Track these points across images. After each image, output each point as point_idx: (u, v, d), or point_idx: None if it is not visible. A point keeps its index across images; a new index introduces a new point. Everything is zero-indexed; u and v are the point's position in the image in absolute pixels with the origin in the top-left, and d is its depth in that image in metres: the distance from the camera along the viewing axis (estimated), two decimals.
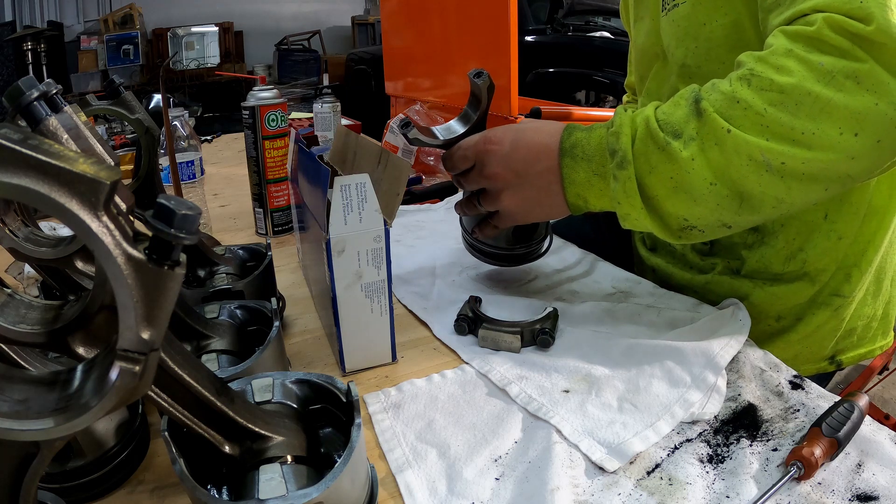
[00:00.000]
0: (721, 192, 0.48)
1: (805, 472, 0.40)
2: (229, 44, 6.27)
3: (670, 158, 0.49)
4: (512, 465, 0.43)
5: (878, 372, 1.87)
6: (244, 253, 0.63)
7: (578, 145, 0.54)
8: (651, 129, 0.50)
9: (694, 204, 0.49)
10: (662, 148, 0.49)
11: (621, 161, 0.51)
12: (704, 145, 0.47)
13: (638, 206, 0.51)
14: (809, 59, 0.45)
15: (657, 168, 0.50)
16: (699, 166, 0.48)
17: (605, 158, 0.52)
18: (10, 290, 0.30)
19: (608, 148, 0.52)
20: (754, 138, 0.46)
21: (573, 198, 0.56)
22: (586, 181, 0.54)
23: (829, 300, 0.67)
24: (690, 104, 0.49)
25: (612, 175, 0.52)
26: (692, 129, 0.48)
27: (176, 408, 0.31)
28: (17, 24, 5.04)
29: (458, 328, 0.60)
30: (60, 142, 0.39)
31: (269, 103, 0.83)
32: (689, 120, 0.48)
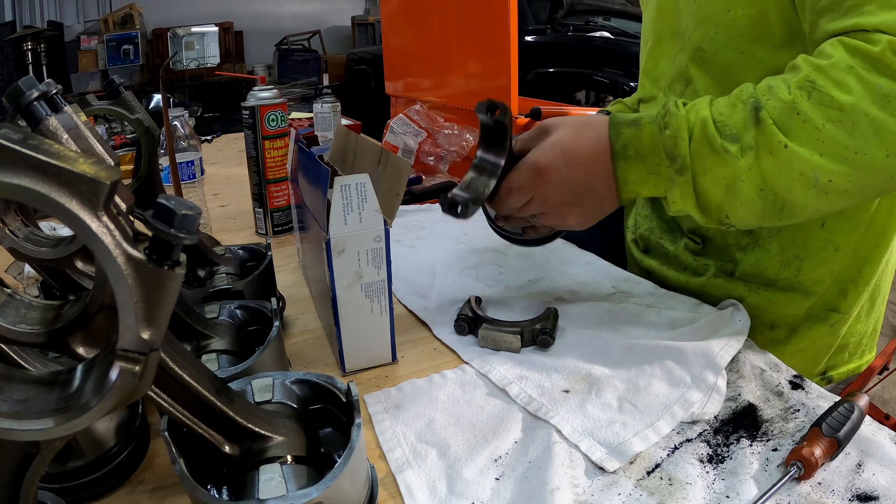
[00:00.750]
0: (767, 198, 0.50)
1: (805, 472, 0.40)
2: (229, 44, 6.27)
3: (726, 164, 0.50)
4: (512, 465, 0.43)
5: (878, 372, 1.87)
6: (244, 253, 0.63)
7: (630, 145, 0.54)
8: (708, 133, 0.50)
9: (739, 206, 0.51)
10: (719, 153, 0.50)
11: (681, 167, 0.52)
12: (760, 154, 0.48)
13: (691, 205, 0.53)
14: (869, 80, 0.45)
15: (711, 170, 0.50)
16: (753, 175, 0.49)
17: (660, 158, 0.53)
18: (10, 290, 0.30)
19: (665, 151, 0.52)
20: (808, 154, 0.47)
21: (627, 194, 0.56)
22: (641, 179, 0.54)
23: (825, 315, 0.67)
24: (749, 110, 0.49)
25: (671, 179, 0.53)
26: (750, 137, 0.49)
27: (176, 408, 0.31)
28: (17, 24, 5.04)
29: (458, 328, 0.60)
30: (60, 142, 0.39)
31: (269, 103, 0.83)
32: (748, 127, 0.49)
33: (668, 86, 0.72)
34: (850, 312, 0.68)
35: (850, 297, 0.67)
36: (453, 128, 1.35)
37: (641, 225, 0.82)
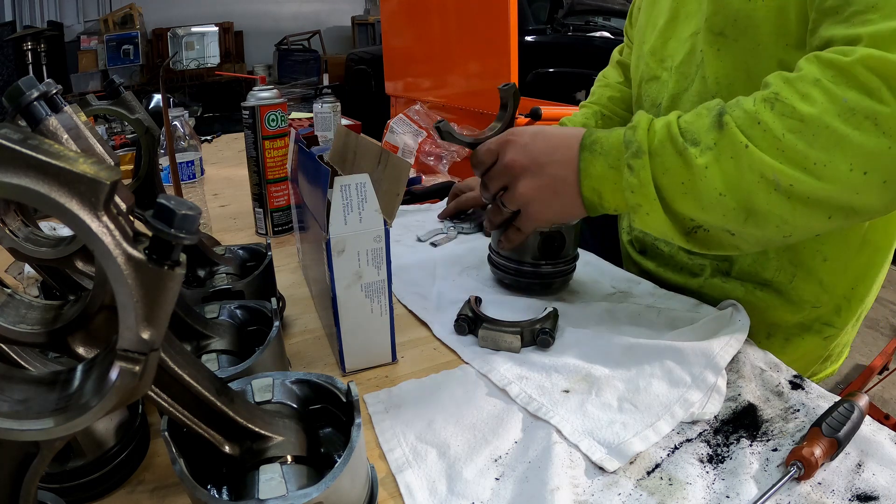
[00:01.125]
0: (729, 203, 0.49)
1: (805, 472, 0.40)
2: (229, 44, 6.27)
3: (685, 163, 0.50)
4: (512, 465, 0.43)
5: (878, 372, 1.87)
6: (244, 253, 0.63)
7: (598, 142, 0.55)
8: (671, 133, 0.51)
9: (702, 210, 0.51)
10: (680, 152, 0.50)
11: (637, 151, 0.52)
12: (720, 156, 0.48)
13: (651, 197, 0.52)
14: (835, 93, 0.45)
15: (671, 170, 0.51)
16: (711, 175, 0.49)
17: (620, 151, 0.53)
18: (10, 290, 0.30)
19: (624, 141, 0.53)
20: (769, 158, 0.47)
21: (588, 192, 0.55)
22: (602, 174, 0.54)
23: (819, 328, 0.69)
24: (714, 116, 0.50)
25: (627, 164, 0.52)
26: (711, 139, 0.49)
27: (176, 408, 0.31)
28: (17, 24, 5.04)
29: (458, 328, 0.60)
30: (60, 142, 0.39)
31: (269, 103, 0.83)
32: (710, 130, 0.49)
33: (676, 66, 0.72)
34: (843, 328, 0.70)
35: (843, 314, 0.68)
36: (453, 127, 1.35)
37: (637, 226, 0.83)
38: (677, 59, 0.72)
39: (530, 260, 0.67)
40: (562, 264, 0.68)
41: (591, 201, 0.56)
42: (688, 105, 0.70)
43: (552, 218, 0.60)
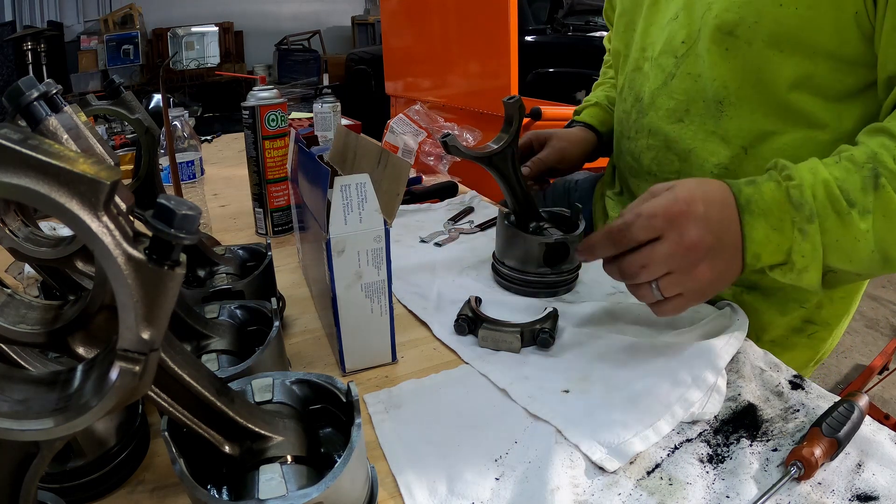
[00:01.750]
0: (875, 257, 0.49)
1: (805, 472, 0.40)
2: (229, 44, 6.27)
3: (845, 226, 0.48)
4: (512, 465, 0.43)
5: (878, 372, 1.87)
6: (244, 253, 0.63)
7: (753, 200, 0.50)
8: (832, 193, 0.49)
9: (849, 263, 0.50)
10: (841, 214, 0.48)
11: (810, 215, 0.49)
12: (876, 218, 0.48)
13: (819, 260, 0.50)
14: None
15: (830, 231, 0.49)
16: (870, 237, 0.49)
17: (783, 212, 0.49)
18: (10, 290, 0.30)
19: (790, 200, 0.49)
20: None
21: (750, 258, 0.50)
22: (765, 238, 0.50)
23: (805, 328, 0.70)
24: (867, 176, 0.49)
25: (800, 229, 0.49)
26: (869, 202, 0.48)
27: (176, 408, 0.31)
28: (17, 24, 5.04)
29: (458, 328, 0.60)
30: (60, 142, 0.39)
31: (269, 103, 0.83)
32: (867, 192, 0.48)
33: (654, 57, 0.69)
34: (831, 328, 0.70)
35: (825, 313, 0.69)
36: (453, 128, 1.35)
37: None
38: (656, 48, 0.69)
39: (535, 269, 0.68)
40: (566, 273, 0.69)
41: (750, 265, 0.51)
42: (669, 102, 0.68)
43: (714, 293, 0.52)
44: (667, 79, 0.67)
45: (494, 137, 0.69)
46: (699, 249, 0.48)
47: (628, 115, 0.77)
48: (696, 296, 0.51)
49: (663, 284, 0.49)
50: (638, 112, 0.74)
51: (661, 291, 0.50)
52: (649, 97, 0.71)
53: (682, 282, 0.49)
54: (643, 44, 0.72)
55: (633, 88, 0.75)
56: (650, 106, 0.71)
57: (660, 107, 0.70)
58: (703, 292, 0.51)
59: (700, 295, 0.51)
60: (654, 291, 0.50)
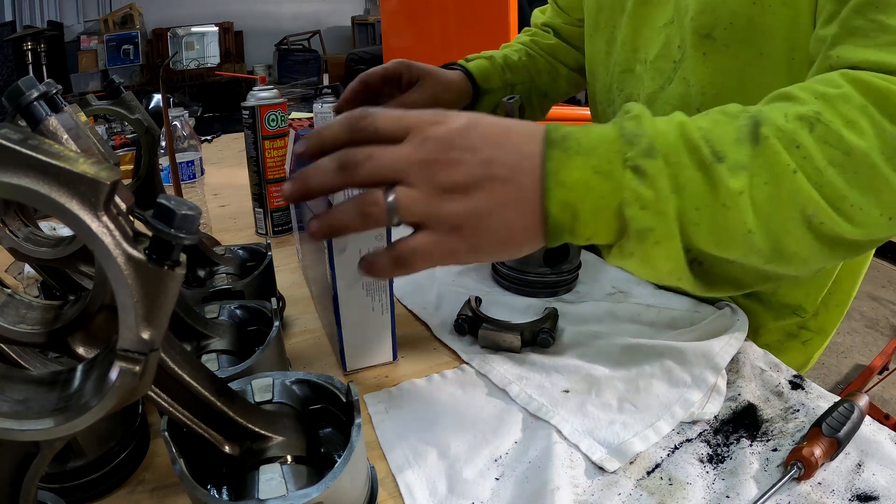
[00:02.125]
0: (756, 242, 0.38)
1: (805, 472, 0.40)
2: (229, 44, 6.27)
3: (710, 183, 0.36)
4: (512, 465, 0.43)
5: (878, 372, 1.87)
6: (244, 253, 0.63)
7: (572, 136, 0.37)
8: (689, 139, 0.37)
9: (716, 245, 0.38)
10: (702, 166, 0.36)
11: (649, 148, 0.36)
12: (755, 180, 0.36)
13: (670, 217, 0.36)
14: (882, 125, 0.37)
15: (686, 188, 0.36)
16: (744, 204, 0.36)
17: (611, 150, 0.36)
18: (10, 290, 0.30)
19: (623, 135, 0.37)
20: (813, 191, 0.37)
21: (556, 207, 0.36)
22: (582, 182, 0.36)
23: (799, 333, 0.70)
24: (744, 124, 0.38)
25: (633, 167, 0.36)
26: (744, 154, 0.36)
27: (176, 408, 0.31)
28: (17, 24, 5.04)
29: (458, 328, 0.60)
30: (60, 142, 0.39)
31: (269, 103, 0.83)
32: (741, 144, 0.37)
33: (651, 61, 0.64)
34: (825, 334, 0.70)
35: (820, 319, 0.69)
36: None
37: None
38: (651, 52, 0.64)
39: (535, 269, 0.68)
40: (566, 273, 0.69)
41: (557, 222, 0.37)
42: (666, 108, 0.64)
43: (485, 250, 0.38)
44: (664, 83, 0.64)
45: None
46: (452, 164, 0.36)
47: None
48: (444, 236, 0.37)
49: (400, 196, 0.36)
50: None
51: (398, 208, 0.37)
52: (644, 102, 0.67)
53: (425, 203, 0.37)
54: (635, 45, 0.67)
55: (624, 90, 0.71)
56: None
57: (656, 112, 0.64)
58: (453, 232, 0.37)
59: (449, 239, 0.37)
60: (387, 200, 0.36)
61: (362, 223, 0.38)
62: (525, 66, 0.82)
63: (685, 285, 0.41)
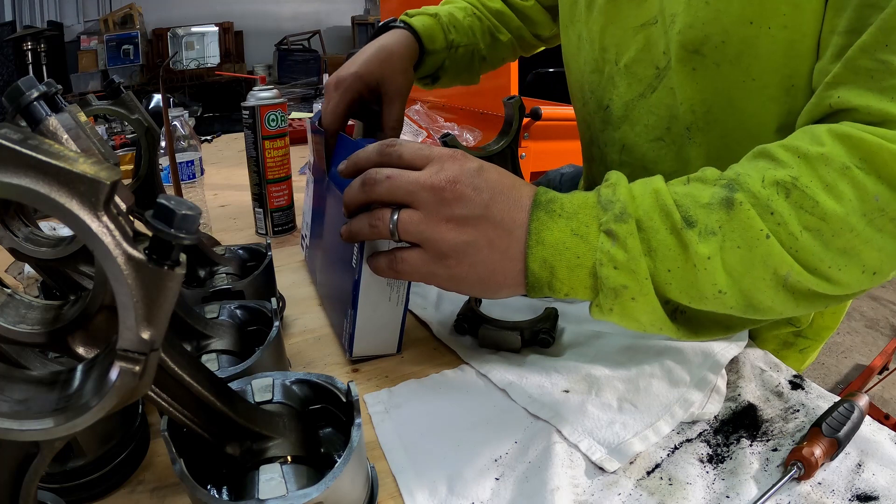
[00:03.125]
0: (728, 301, 0.40)
1: (805, 472, 0.40)
2: (229, 44, 6.27)
3: (681, 246, 0.39)
4: (512, 465, 0.43)
5: (878, 372, 1.87)
6: (244, 253, 0.63)
7: (556, 201, 0.42)
8: (663, 203, 0.39)
9: (689, 301, 0.41)
10: (674, 231, 0.39)
11: (621, 213, 0.39)
12: (726, 245, 0.39)
13: (642, 275, 0.39)
14: (866, 187, 0.37)
15: (659, 251, 0.39)
16: (713, 268, 0.39)
17: (589, 215, 0.41)
18: (10, 290, 0.30)
19: (600, 201, 0.41)
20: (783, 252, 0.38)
21: (536, 264, 0.41)
22: (560, 242, 0.40)
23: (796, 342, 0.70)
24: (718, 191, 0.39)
25: (606, 231, 0.39)
26: (714, 221, 0.39)
27: (176, 408, 0.31)
28: (17, 24, 5.04)
29: (458, 328, 0.60)
30: (60, 142, 0.39)
31: (269, 103, 0.83)
32: (714, 210, 0.39)
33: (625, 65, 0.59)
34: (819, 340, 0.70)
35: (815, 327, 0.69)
36: (453, 128, 1.35)
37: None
38: (624, 55, 0.59)
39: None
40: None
41: (536, 277, 0.42)
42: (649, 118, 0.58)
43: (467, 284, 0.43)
44: (645, 91, 0.58)
45: (494, 137, 0.69)
46: (456, 198, 0.41)
47: (591, 118, 0.68)
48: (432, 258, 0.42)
49: (402, 217, 0.42)
50: (603, 122, 0.66)
51: (398, 226, 0.42)
52: (621, 109, 0.61)
53: (423, 226, 0.42)
54: (603, 44, 0.61)
55: (595, 93, 0.66)
56: (623, 119, 0.62)
57: (636, 121, 0.60)
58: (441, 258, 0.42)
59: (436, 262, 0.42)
60: (391, 218, 0.42)
61: (370, 234, 0.44)
62: (470, 27, 0.78)
63: (669, 333, 0.43)
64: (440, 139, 0.64)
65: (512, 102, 0.67)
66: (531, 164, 1.63)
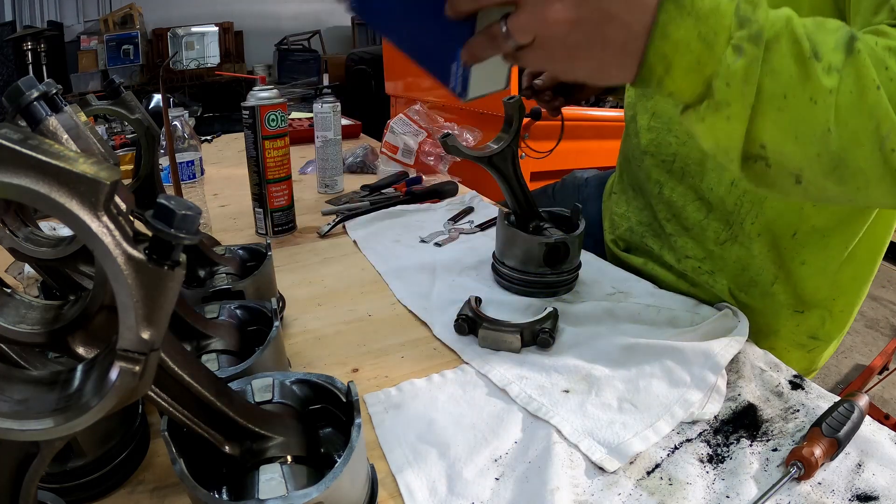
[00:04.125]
0: (831, 144, 0.39)
1: (805, 472, 0.40)
2: (229, 44, 6.27)
3: (804, 75, 0.38)
4: (512, 465, 0.43)
5: (878, 372, 1.87)
6: (244, 253, 0.63)
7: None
8: (794, 32, 0.39)
9: (793, 140, 0.40)
10: (800, 59, 0.38)
11: (757, 35, 0.39)
12: (843, 85, 0.38)
13: (747, 100, 0.39)
14: None
15: (780, 75, 0.38)
16: (829, 104, 0.38)
17: (721, 24, 0.39)
18: (10, 290, 0.30)
19: (737, 14, 0.39)
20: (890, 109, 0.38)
21: (655, 56, 0.40)
22: (684, 42, 0.39)
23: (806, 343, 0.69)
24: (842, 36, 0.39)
25: (735, 46, 0.39)
26: (838, 59, 0.38)
27: (176, 408, 0.31)
28: (17, 24, 5.04)
29: (458, 328, 0.60)
30: (60, 142, 0.39)
31: (269, 103, 0.83)
32: (837, 50, 0.38)
33: None
34: (829, 340, 0.70)
35: (827, 326, 0.68)
36: (453, 128, 1.35)
37: (620, 225, 0.82)
38: None
39: (535, 269, 0.68)
40: (566, 273, 0.69)
41: (651, 69, 0.41)
42: None
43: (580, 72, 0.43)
44: None
45: (494, 137, 0.69)
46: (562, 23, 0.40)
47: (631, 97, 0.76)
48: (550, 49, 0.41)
49: (512, 22, 0.41)
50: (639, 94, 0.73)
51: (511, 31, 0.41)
52: None
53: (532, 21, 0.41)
54: None
55: None
56: None
57: None
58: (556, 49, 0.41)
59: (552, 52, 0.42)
60: (502, 29, 0.42)
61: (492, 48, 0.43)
62: None
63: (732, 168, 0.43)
64: (440, 139, 0.64)
65: (512, 102, 0.67)
66: (531, 163, 1.63)
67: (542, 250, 0.67)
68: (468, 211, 0.98)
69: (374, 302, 0.69)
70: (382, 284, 0.74)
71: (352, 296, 0.71)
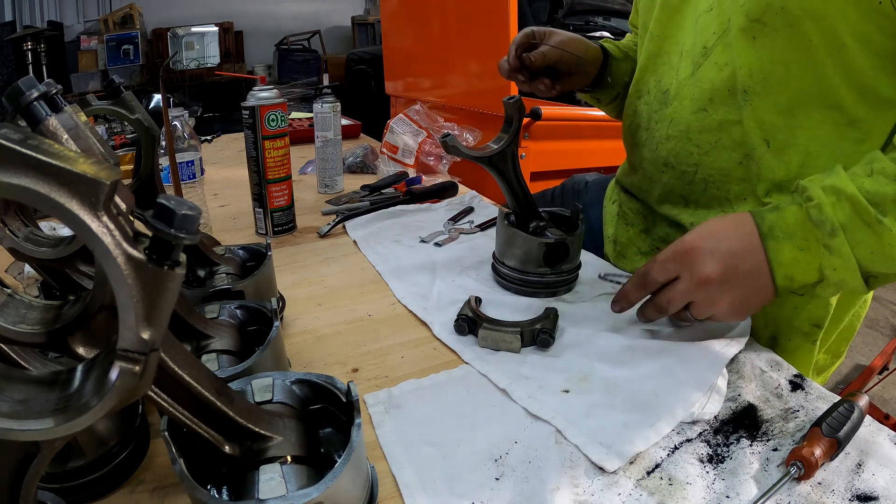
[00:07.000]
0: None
1: (805, 472, 0.40)
2: (229, 44, 6.26)
3: (877, 234, 0.50)
4: (512, 465, 0.43)
5: (878, 372, 1.87)
6: (244, 253, 0.63)
7: (776, 226, 0.53)
8: (859, 205, 0.50)
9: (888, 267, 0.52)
10: (870, 224, 0.50)
11: (832, 230, 0.51)
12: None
13: (853, 270, 0.52)
14: None
15: (862, 242, 0.51)
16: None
17: (807, 232, 0.52)
18: (10, 290, 0.30)
19: (811, 220, 0.52)
20: None
21: (782, 280, 0.54)
22: (793, 260, 0.53)
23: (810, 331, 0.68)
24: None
25: (825, 245, 0.52)
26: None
27: (176, 408, 0.31)
28: (17, 24, 5.04)
29: (458, 328, 0.60)
30: (60, 142, 0.39)
31: (269, 103, 0.83)
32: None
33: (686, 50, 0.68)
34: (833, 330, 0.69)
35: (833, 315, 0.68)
36: (453, 128, 1.35)
37: (621, 235, 0.82)
38: (686, 43, 0.68)
39: (535, 269, 0.68)
40: (566, 273, 0.69)
41: (784, 287, 0.55)
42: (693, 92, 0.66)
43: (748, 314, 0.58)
44: (694, 69, 0.67)
45: (494, 137, 0.69)
46: (712, 281, 0.53)
47: (650, 106, 0.76)
48: (728, 317, 0.56)
49: (693, 311, 0.55)
50: (661, 103, 0.73)
51: (694, 316, 0.56)
52: (676, 88, 0.70)
53: (707, 309, 0.55)
54: (677, 38, 0.71)
55: (661, 81, 0.74)
56: (675, 97, 0.70)
57: (685, 97, 0.69)
58: (733, 314, 0.55)
59: (732, 316, 0.56)
60: (689, 316, 0.56)
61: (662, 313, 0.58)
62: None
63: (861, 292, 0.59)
64: (440, 139, 0.64)
65: (512, 102, 0.67)
66: (531, 164, 1.63)
67: (541, 250, 0.67)
68: (468, 211, 0.98)
69: (374, 302, 0.69)
70: (382, 284, 0.74)
71: (352, 296, 0.71)
